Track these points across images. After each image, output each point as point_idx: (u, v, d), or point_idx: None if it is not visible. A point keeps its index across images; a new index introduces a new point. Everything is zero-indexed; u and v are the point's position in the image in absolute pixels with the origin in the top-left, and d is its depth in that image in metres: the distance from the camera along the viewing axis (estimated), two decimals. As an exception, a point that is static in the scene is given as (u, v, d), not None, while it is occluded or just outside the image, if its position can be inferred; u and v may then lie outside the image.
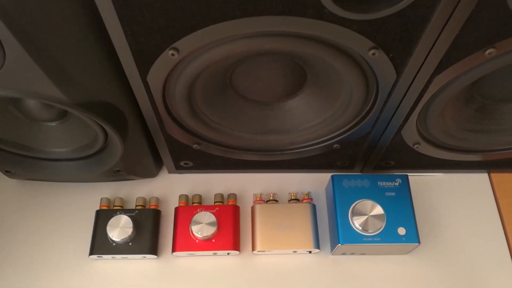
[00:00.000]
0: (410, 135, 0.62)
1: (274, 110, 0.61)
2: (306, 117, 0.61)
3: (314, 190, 0.73)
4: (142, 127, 0.61)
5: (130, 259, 0.67)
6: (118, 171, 0.66)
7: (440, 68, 0.48)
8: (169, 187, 0.73)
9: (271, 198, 0.70)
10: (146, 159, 0.68)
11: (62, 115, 0.59)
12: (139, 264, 0.66)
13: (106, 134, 0.58)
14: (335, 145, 0.64)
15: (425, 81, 0.50)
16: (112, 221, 0.65)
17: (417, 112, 0.56)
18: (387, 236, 0.62)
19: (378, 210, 0.63)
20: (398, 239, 0.62)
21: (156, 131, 0.61)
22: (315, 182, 0.74)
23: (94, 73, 0.50)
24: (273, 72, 0.55)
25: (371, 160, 0.70)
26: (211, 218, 0.65)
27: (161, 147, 0.66)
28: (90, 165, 0.64)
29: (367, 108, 0.57)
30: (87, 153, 0.63)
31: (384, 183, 0.66)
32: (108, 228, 0.65)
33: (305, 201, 0.69)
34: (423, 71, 0.49)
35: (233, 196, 0.70)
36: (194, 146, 0.64)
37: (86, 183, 0.73)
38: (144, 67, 0.48)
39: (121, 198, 0.70)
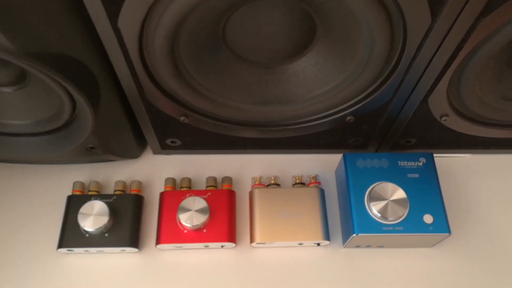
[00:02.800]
0: (438, 104, 0.52)
1: (276, 75, 0.52)
2: (315, 82, 0.52)
3: (322, 173, 0.63)
4: (118, 93, 0.52)
5: (106, 253, 0.58)
6: (92, 148, 0.56)
7: (488, 8, 0.38)
8: (154, 169, 0.64)
9: (272, 181, 0.60)
10: (125, 135, 0.59)
11: (20, 78, 0.49)
12: (117, 259, 0.58)
13: (73, 101, 0.48)
14: (348, 118, 0.55)
15: (467, 28, 0.40)
16: (85, 208, 0.56)
17: (450, 73, 0.47)
18: (411, 224, 0.53)
19: (400, 194, 0.53)
20: (425, 228, 0.52)
21: (135, 99, 0.51)
22: (323, 163, 0.64)
23: (51, 16, 0.40)
24: (276, 23, 0.46)
25: (388, 137, 0.60)
26: (202, 204, 0.56)
27: (143, 121, 0.56)
28: (57, 140, 0.54)
29: (390, 69, 0.47)
30: (53, 126, 0.53)
31: (405, 163, 0.56)
32: (80, 216, 0.55)
33: (312, 185, 0.60)
34: (465, 13, 0.39)
35: (228, 179, 0.61)
36: (181, 118, 0.54)
37: (56, 165, 0.64)
38: (113, 7, 0.39)
39: (97, 182, 0.60)
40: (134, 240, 0.57)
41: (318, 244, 0.58)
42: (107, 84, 0.49)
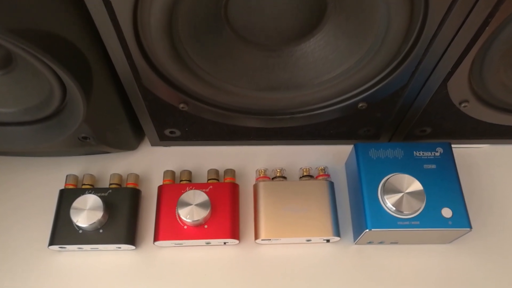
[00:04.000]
0: (458, 89, 0.48)
1: (283, 58, 0.48)
2: (325, 65, 0.48)
3: (331, 165, 0.60)
4: (112, 77, 0.48)
5: (101, 250, 0.54)
6: (86, 138, 0.52)
7: (520, -24, 0.34)
8: (152, 162, 0.61)
9: (278, 174, 0.57)
10: (121, 124, 0.55)
11: (6, 62, 0.45)
12: (112, 257, 0.54)
13: (63, 86, 0.44)
14: (361, 104, 0.51)
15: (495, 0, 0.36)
16: (77, 202, 0.52)
17: (474, 52, 0.43)
18: (428, 219, 0.49)
19: (416, 186, 0.50)
20: (443, 223, 0.49)
21: (131, 84, 0.48)
22: (332, 155, 0.61)
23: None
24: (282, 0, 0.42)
25: (402, 126, 0.56)
26: (203, 197, 0.52)
27: (139, 109, 0.52)
28: (48, 129, 0.51)
29: (407, 48, 0.44)
30: (42, 114, 0.49)
31: (421, 153, 0.52)
32: (72, 211, 0.52)
33: (320, 177, 0.56)
34: (495, -19, 0.35)
35: (231, 172, 0.57)
36: (181, 106, 0.51)
37: (48, 158, 0.60)
38: (103, -23, 0.35)
39: (91, 175, 0.57)
40: (130, 236, 0.53)
41: (328, 241, 0.54)
42: (100, 67, 0.46)
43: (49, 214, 0.55)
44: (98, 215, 0.51)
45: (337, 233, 0.53)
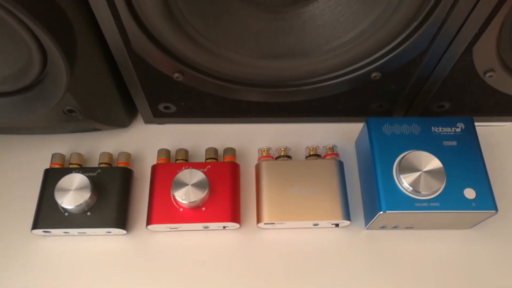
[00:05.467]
0: (484, 55, 0.43)
1: (288, 21, 0.44)
2: (335, 29, 0.43)
3: (340, 144, 0.55)
4: (99, 42, 0.43)
5: (89, 235, 0.50)
6: (72, 112, 0.48)
7: None
8: (145, 140, 0.56)
9: (282, 153, 0.52)
10: (111, 98, 0.51)
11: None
12: (101, 242, 0.50)
13: (43, 50, 0.40)
14: (374, 74, 0.46)
15: None
16: (63, 182, 0.48)
17: (504, 12, 0.38)
18: (449, 200, 0.45)
19: (435, 163, 0.45)
20: (466, 204, 0.44)
21: (119, 50, 0.43)
22: (341, 134, 0.56)
23: None
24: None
25: (418, 101, 0.52)
26: (200, 176, 0.48)
27: (130, 79, 0.48)
28: (29, 101, 0.46)
29: (429, 7, 0.39)
30: (22, 84, 0.45)
31: (440, 128, 0.48)
32: (57, 192, 0.47)
33: (329, 157, 0.51)
34: None
35: (231, 151, 0.53)
36: (175, 76, 0.46)
37: (34, 135, 0.55)
38: None
39: (79, 154, 0.52)
40: (121, 220, 0.49)
41: (337, 225, 0.50)
42: (85, 28, 0.41)
43: (33, 196, 0.51)
44: (85, 196, 0.47)
45: (347, 216, 0.48)
